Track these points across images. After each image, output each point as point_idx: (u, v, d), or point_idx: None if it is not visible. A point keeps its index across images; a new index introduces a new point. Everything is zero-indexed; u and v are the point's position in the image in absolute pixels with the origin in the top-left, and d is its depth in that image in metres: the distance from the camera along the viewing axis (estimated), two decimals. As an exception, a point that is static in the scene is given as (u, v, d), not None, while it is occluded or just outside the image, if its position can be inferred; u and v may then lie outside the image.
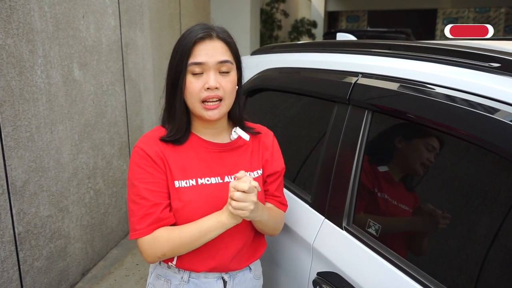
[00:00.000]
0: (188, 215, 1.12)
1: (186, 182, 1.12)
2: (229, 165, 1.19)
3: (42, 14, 2.32)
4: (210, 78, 1.08)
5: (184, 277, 1.19)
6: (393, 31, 7.75)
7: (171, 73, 1.12)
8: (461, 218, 0.95)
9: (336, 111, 1.32)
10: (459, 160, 1.00)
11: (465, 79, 0.97)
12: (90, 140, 2.83)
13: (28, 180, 2.25)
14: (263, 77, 1.85)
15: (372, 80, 1.22)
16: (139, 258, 3.12)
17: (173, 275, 1.21)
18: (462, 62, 1.01)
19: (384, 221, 1.12)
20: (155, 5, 3.89)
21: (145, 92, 3.69)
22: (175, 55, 1.11)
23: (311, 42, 1.91)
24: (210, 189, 1.14)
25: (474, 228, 0.92)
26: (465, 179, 0.97)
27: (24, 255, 2.25)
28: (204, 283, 1.20)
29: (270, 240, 1.51)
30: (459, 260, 0.93)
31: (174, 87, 1.11)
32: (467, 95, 0.94)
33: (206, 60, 1.08)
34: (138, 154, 1.12)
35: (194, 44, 1.07)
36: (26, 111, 2.21)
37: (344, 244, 1.17)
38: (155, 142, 1.14)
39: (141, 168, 1.11)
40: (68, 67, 2.56)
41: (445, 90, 1.01)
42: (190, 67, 1.08)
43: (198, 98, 1.09)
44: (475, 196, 0.92)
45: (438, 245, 1.01)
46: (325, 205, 1.28)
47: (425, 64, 1.12)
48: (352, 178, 1.20)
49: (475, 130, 0.88)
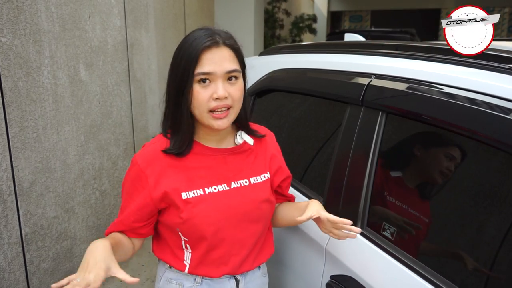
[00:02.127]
0: (198, 225, 1.10)
1: (194, 193, 1.10)
2: (234, 170, 1.16)
3: (49, 15, 2.31)
4: (219, 88, 1.03)
5: (197, 279, 1.19)
6: (398, 31, 7.72)
7: (175, 82, 1.06)
8: (482, 222, 0.94)
9: (348, 113, 1.31)
10: (480, 164, 0.99)
11: (486, 81, 0.95)
12: (96, 141, 2.83)
13: (35, 181, 2.25)
14: (272, 78, 1.84)
15: (386, 81, 1.21)
16: (145, 259, 3.11)
17: (185, 278, 1.20)
18: (481, 64, 1.00)
19: (399, 224, 1.11)
20: (160, 5, 3.88)
21: (150, 92, 3.68)
22: (179, 62, 1.04)
23: (321, 43, 1.90)
24: (218, 197, 1.12)
25: (495, 233, 0.90)
26: (486, 184, 0.95)
27: (30, 256, 2.24)
28: (217, 283, 1.20)
29: (281, 242, 1.50)
30: (479, 264, 0.92)
31: (178, 96, 1.06)
32: (487, 98, 0.92)
33: (214, 70, 1.02)
34: (132, 169, 1.12)
35: (201, 52, 1.02)
36: (33, 111, 2.21)
37: (359, 247, 1.16)
38: (155, 157, 1.11)
39: (132, 185, 1.12)
40: (74, 67, 2.55)
41: (464, 92, 1.00)
42: (198, 76, 1.02)
43: (207, 108, 1.04)
44: (499, 201, 0.91)
45: (457, 249, 0.99)
46: (338, 208, 1.26)
47: (442, 66, 1.10)
48: (366, 180, 1.19)
49: (497, 134, 0.87)
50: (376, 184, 1.18)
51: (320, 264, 1.27)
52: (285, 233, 1.49)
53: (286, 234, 1.48)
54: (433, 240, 1.06)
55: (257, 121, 1.95)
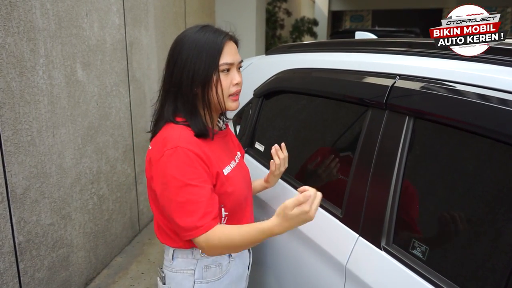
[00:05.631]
0: (238, 196, 1.25)
1: (227, 169, 1.24)
2: (230, 149, 1.35)
3: (44, 12, 2.19)
4: (236, 75, 1.22)
5: (232, 254, 1.31)
6: (403, 30, 7.62)
7: (202, 72, 1.16)
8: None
9: (370, 117, 1.19)
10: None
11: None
12: (93, 144, 2.71)
13: (29, 186, 2.13)
14: (281, 79, 1.72)
15: (413, 82, 1.09)
16: (145, 266, 2.99)
17: (221, 258, 1.29)
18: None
19: (432, 242, 0.99)
20: (160, 3, 3.76)
21: (150, 93, 3.56)
22: (200, 55, 1.16)
23: (334, 41, 1.79)
24: (237, 171, 1.30)
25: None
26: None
27: (24, 266, 2.13)
28: (242, 253, 1.37)
29: (292, 258, 1.38)
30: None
31: (204, 85, 1.17)
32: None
33: (233, 60, 1.20)
34: (186, 155, 1.12)
35: (224, 45, 1.17)
36: (27, 113, 2.09)
37: (384, 267, 1.04)
38: (195, 140, 1.17)
39: (194, 168, 1.12)
40: (71, 67, 2.44)
41: (501, 94, 0.89)
42: (222, 66, 1.17)
43: (228, 93, 1.21)
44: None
45: (496, 270, 0.88)
46: (359, 221, 1.15)
47: (476, 65, 0.99)
48: (392, 191, 1.08)
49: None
50: (403, 197, 1.06)
51: (339, 283, 1.16)
52: (298, 248, 1.37)
53: (299, 249, 1.37)
54: (473, 262, 0.93)
55: (266, 125, 1.84)
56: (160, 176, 1.13)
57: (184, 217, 1.11)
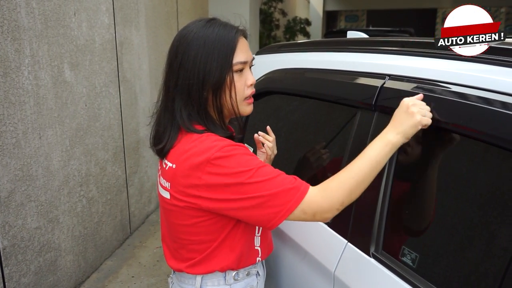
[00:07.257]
0: None
1: None
2: None
3: (30, 11, 2.14)
4: (250, 75, 1.06)
5: (259, 261, 1.19)
6: (397, 30, 7.61)
7: (214, 73, 0.99)
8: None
9: (359, 119, 1.16)
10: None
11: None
12: (82, 145, 2.66)
13: (14, 190, 2.08)
14: (270, 79, 1.69)
15: (403, 83, 1.06)
16: (135, 269, 2.95)
17: (252, 279, 1.17)
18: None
19: (422, 249, 0.96)
20: (152, 2, 3.72)
21: (141, 93, 3.51)
22: (211, 54, 0.99)
23: (324, 40, 1.75)
24: None
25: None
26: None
27: (9, 271, 2.08)
28: (263, 268, 1.27)
29: (282, 265, 1.35)
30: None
31: (216, 89, 1.01)
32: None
33: (247, 59, 1.04)
34: (237, 149, 0.97)
35: (237, 42, 1.02)
36: (11, 115, 2.04)
37: (374, 274, 1.01)
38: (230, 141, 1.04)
39: (253, 155, 0.99)
40: (58, 67, 2.39)
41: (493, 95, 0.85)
42: (236, 66, 1.01)
43: (243, 96, 1.05)
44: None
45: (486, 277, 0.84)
46: (348, 227, 1.11)
47: (468, 65, 0.96)
48: (381, 196, 1.04)
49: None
50: (393, 202, 1.03)
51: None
52: (287, 255, 1.34)
53: (288, 256, 1.33)
54: (464, 270, 0.90)
55: (255, 128, 1.80)
56: (221, 185, 0.94)
57: (282, 188, 0.93)
